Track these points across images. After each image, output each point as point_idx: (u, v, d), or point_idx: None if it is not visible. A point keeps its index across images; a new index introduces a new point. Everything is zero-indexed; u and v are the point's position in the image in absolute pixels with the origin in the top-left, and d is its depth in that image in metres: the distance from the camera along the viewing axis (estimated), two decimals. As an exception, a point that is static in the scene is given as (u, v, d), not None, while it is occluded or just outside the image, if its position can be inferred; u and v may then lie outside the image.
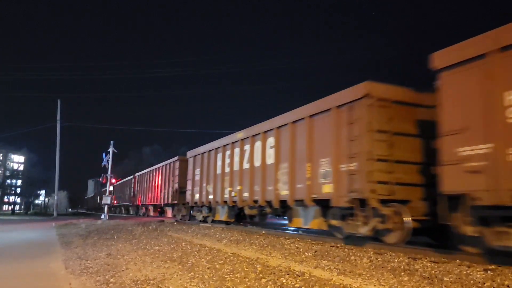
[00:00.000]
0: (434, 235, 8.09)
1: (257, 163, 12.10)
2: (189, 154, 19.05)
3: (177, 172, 21.22)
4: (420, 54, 6.99)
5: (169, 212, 23.74)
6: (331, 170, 8.68)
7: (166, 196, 23.09)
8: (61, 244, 11.18)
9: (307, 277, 5.05)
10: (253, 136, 12.53)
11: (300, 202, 9.89)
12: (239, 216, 14.68)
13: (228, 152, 14.40)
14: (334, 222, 8.95)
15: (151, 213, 28.52)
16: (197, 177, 17.57)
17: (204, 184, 16.64)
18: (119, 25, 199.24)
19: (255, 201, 12.15)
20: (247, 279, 5.13)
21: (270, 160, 11.35)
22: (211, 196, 15.84)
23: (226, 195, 14.22)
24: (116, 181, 38.76)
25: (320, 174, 9.10)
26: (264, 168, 11.63)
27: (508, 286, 4.41)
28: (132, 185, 34.83)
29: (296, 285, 4.73)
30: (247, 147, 12.95)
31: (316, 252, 7.29)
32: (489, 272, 5.01)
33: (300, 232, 11.93)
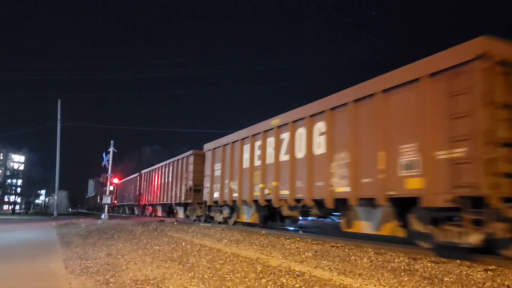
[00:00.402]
0: None
1: (300, 154, 10.26)
2: (207, 147, 17.12)
3: (191, 168, 19.07)
4: (420, 54, 6.95)
5: (180, 212, 21.74)
6: (420, 158, 6.79)
7: (177, 195, 21.10)
8: (61, 244, 11.18)
9: (307, 277, 5.04)
10: (294, 121, 10.65)
11: (366, 201, 8.10)
12: (269, 217, 13.12)
13: (258, 143, 12.53)
14: (420, 228, 6.97)
15: (159, 214, 26.65)
16: (218, 173, 15.64)
17: (227, 181, 14.63)
18: (119, 25, 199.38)
19: (297, 200, 10.32)
20: (247, 279, 5.13)
21: (319, 149, 9.56)
22: (235, 194, 13.83)
23: (257, 193, 12.33)
24: (119, 180, 38.65)
25: (401, 164, 7.20)
26: (310, 160, 9.80)
27: (508, 286, 4.41)
28: (138, 184, 32.76)
29: (296, 285, 4.72)
30: (285, 135, 11.02)
31: (316, 252, 7.29)
32: (489, 272, 5.01)
33: (300, 232, 11.91)
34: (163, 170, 24.75)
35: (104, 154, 29.47)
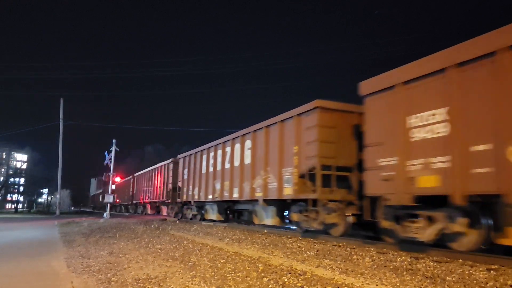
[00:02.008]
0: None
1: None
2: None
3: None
4: (421, 53, 6.97)
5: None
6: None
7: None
8: (63, 242, 11.20)
9: (309, 276, 5.03)
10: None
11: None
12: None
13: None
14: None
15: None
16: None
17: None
18: (122, 24, 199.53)
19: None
20: (248, 278, 5.12)
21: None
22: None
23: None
24: (121, 179, 38.95)
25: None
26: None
27: (511, 286, 4.39)
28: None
29: (298, 284, 4.71)
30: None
31: (318, 251, 7.28)
32: (491, 272, 4.99)
33: (296, 229, 11.91)
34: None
35: (106, 153, 29.53)
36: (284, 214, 11.80)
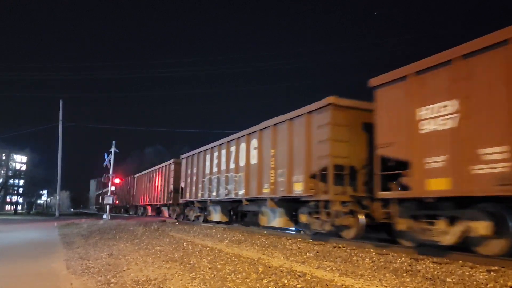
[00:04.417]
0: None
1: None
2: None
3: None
4: (421, 53, 6.97)
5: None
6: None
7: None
8: (63, 244, 11.19)
9: (309, 278, 5.03)
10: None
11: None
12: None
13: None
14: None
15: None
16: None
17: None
18: (122, 24, 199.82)
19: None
20: (248, 280, 5.12)
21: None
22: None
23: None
24: (121, 181, 38.74)
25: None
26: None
27: (511, 287, 4.38)
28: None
29: (297, 285, 4.71)
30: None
31: (318, 252, 7.27)
32: (492, 273, 4.99)
33: (301, 232, 11.88)
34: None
35: (105, 154, 29.47)
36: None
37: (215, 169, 15.82)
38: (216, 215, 16.03)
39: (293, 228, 12.34)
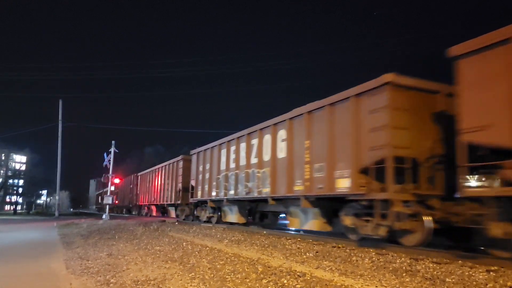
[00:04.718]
0: None
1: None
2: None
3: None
4: (422, 52, 6.89)
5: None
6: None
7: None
8: (62, 244, 11.18)
9: (308, 278, 5.02)
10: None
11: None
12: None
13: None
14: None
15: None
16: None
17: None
18: (122, 24, 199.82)
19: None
20: (248, 280, 5.11)
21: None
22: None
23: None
24: (120, 181, 38.59)
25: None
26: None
27: (511, 287, 4.38)
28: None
29: (297, 285, 4.70)
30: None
31: (317, 252, 7.27)
32: (491, 273, 4.98)
33: (301, 232, 11.88)
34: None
35: (105, 154, 29.49)
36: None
37: (232, 165, 14.11)
38: (233, 215, 14.70)
39: (292, 228, 12.22)
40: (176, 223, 17.99)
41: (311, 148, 9.74)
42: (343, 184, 8.56)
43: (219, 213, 16.01)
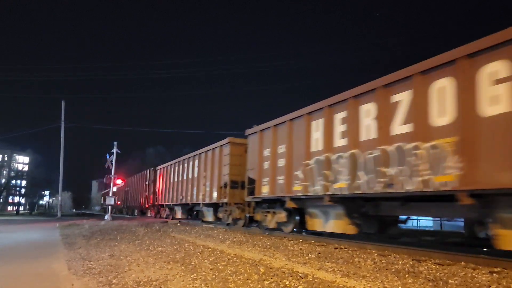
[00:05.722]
0: None
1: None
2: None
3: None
4: (420, 54, 6.92)
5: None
6: None
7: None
8: (64, 244, 11.18)
9: (311, 279, 5.01)
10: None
11: None
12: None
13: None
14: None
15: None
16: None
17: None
18: (122, 24, 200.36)
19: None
20: (250, 281, 5.10)
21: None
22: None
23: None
24: (123, 181, 38.49)
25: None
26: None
27: (514, 289, 4.36)
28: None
29: (299, 287, 4.69)
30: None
31: (319, 253, 7.25)
32: (494, 275, 4.96)
33: (303, 233, 11.85)
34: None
35: (107, 155, 29.52)
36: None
37: (339, 142, 9.25)
38: (330, 221, 9.84)
39: (294, 229, 11.97)
40: (178, 224, 17.98)
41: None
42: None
43: (298, 218, 11.36)
